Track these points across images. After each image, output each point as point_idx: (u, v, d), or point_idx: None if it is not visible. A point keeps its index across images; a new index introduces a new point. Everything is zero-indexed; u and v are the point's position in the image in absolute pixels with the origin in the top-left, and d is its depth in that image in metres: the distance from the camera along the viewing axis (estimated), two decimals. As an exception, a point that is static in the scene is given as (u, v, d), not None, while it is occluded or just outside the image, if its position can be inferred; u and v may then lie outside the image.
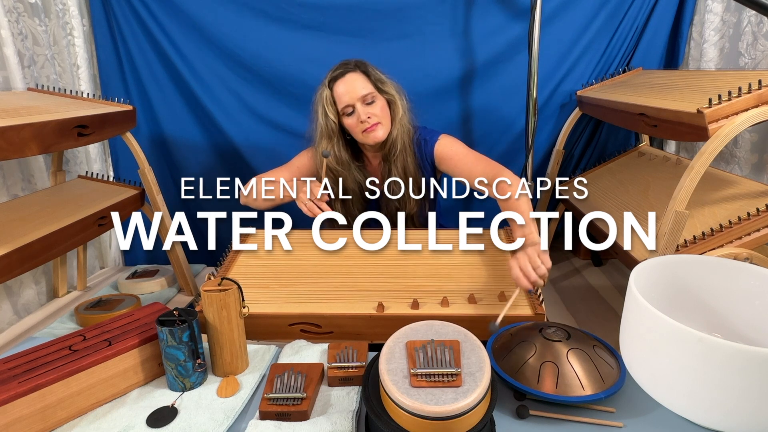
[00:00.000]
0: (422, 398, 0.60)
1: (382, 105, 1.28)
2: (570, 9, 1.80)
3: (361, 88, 1.25)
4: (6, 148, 1.19)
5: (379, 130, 1.27)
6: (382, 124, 1.27)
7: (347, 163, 1.34)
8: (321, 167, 1.30)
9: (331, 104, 1.27)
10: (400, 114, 1.29)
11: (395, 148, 1.30)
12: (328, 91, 1.27)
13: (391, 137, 1.30)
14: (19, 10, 1.70)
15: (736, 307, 0.83)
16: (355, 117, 1.26)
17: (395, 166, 1.32)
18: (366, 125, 1.25)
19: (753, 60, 1.62)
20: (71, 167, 1.95)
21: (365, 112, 1.24)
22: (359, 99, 1.24)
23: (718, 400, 0.64)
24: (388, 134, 1.29)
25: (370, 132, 1.26)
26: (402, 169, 1.33)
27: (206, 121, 1.98)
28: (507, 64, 1.86)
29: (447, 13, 1.81)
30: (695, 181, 1.06)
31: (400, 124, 1.30)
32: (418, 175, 1.36)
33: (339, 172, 1.33)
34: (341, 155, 1.32)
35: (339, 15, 1.81)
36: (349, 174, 1.34)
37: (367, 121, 1.24)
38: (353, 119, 1.26)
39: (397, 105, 1.29)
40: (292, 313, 0.97)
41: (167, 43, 1.88)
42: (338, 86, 1.26)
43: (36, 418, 0.69)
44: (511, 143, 1.96)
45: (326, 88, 1.27)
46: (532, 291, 1.00)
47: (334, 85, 1.26)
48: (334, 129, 1.29)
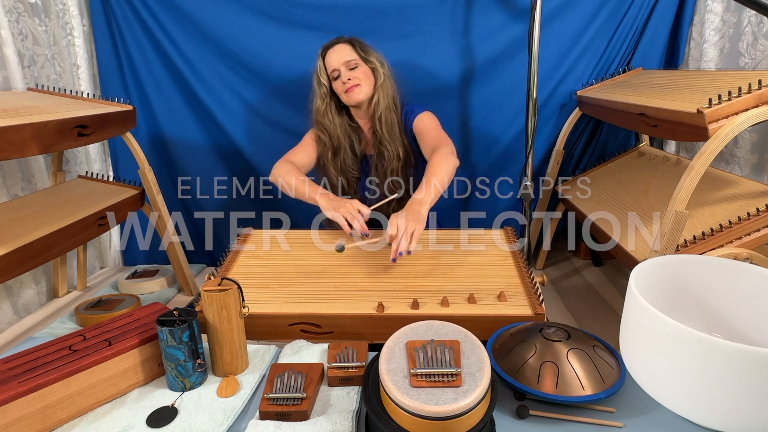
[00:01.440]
0: (422, 398, 0.60)
1: (365, 70, 1.42)
2: (570, 9, 1.80)
3: (346, 55, 1.41)
4: (6, 148, 1.19)
5: (359, 92, 1.40)
6: (362, 86, 1.40)
7: (337, 122, 1.47)
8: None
9: (323, 71, 1.44)
10: (381, 79, 1.43)
11: (379, 109, 1.43)
12: (320, 60, 1.44)
13: (373, 100, 1.43)
14: (19, 10, 1.70)
15: (736, 307, 0.83)
16: (340, 80, 1.41)
17: (381, 128, 1.43)
18: (347, 86, 1.39)
19: (753, 60, 1.62)
20: (71, 167, 1.95)
21: (347, 75, 1.40)
22: (343, 64, 1.40)
23: (718, 400, 0.64)
24: (372, 97, 1.43)
25: (350, 92, 1.40)
26: (388, 132, 1.44)
27: (206, 121, 1.99)
28: (507, 64, 1.86)
29: (447, 13, 1.81)
30: (695, 181, 1.06)
31: (381, 88, 1.42)
32: (404, 137, 1.48)
33: (329, 128, 1.47)
34: (332, 114, 1.47)
35: (339, 15, 1.81)
36: (340, 130, 1.48)
37: (348, 83, 1.39)
38: (339, 82, 1.42)
39: (379, 72, 1.43)
40: (292, 313, 0.97)
41: (167, 43, 1.88)
42: (329, 54, 1.43)
43: (36, 418, 0.69)
44: (511, 143, 1.96)
45: (320, 57, 1.45)
46: (393, 259, 1.08)
47: (326, 53, 1.43)
48: (326, 92, 1.45)
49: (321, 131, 1.48)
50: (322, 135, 1.48)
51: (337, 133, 1.47)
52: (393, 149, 1.45)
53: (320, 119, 1.47)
